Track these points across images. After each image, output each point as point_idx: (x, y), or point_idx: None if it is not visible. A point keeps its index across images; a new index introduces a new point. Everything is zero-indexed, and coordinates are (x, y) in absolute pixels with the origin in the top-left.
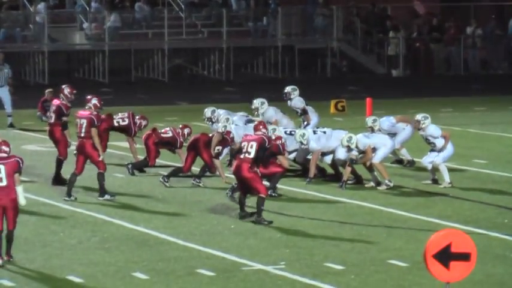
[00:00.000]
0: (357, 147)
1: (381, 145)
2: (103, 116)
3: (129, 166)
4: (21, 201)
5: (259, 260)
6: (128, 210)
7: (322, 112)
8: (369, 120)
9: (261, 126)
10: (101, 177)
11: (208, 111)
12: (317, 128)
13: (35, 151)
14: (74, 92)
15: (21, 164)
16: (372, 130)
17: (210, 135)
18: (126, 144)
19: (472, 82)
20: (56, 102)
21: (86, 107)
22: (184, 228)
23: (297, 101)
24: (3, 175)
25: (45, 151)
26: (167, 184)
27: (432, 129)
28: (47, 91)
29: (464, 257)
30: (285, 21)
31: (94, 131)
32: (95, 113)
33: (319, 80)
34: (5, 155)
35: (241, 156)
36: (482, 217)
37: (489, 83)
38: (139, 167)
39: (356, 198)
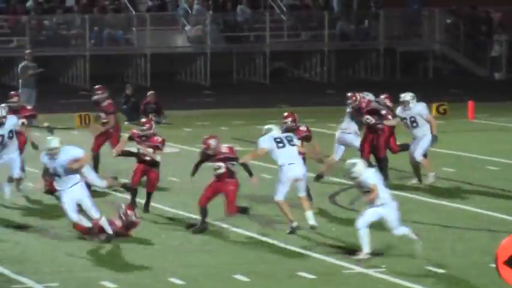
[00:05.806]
0: None
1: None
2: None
3: None
4: None
5: (360, 263)
6: None
7: None
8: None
9: None
10: None
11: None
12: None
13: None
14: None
15: None
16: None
17: None
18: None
19: None
20: None
21: None
22: (285, 231)
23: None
24: None
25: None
26: None
27: None
28: (149, 93)
29: None
30: (386, 23)
31: None
32: None
33: (421, 83)
34: None
35: None
36: None
37: None
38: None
39: (457, 201)
